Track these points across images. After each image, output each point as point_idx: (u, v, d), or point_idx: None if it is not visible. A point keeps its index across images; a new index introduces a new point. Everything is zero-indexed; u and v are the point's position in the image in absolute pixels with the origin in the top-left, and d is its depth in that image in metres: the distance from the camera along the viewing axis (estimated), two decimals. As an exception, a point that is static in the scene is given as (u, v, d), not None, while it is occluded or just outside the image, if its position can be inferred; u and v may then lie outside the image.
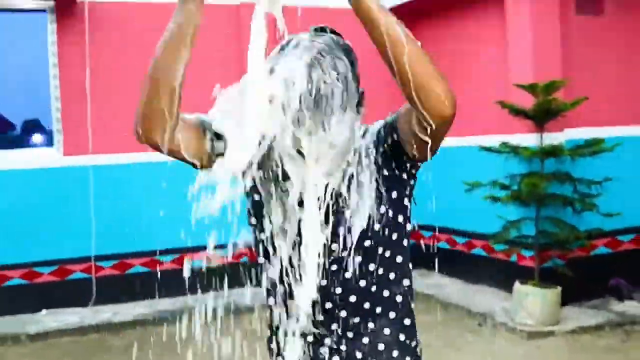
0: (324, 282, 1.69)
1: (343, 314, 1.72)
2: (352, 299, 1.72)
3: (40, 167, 7.62)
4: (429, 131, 1.50)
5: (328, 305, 1.71)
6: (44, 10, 7.61)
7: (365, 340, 1.75)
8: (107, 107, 7.71)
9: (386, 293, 1.76)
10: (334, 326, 1.73)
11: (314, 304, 1.67)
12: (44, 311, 7.49)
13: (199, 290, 2.03)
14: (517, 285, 6.63)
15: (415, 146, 1.59)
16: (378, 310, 1.75)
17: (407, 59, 1.47)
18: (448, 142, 6.68)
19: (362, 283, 1.72)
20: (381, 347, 1.77)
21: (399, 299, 1.78)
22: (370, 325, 1.75)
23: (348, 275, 1.70)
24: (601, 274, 7.37)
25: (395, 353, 1.77)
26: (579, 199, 6.67)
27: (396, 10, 8.80)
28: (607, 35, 7.53)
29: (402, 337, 1.79)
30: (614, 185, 6.83)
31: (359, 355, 1.75)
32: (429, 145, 1.55)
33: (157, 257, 7.97)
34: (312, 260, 1.64)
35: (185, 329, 1.89)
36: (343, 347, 1.75)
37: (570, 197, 6.69)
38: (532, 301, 6.45)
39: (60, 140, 7.62)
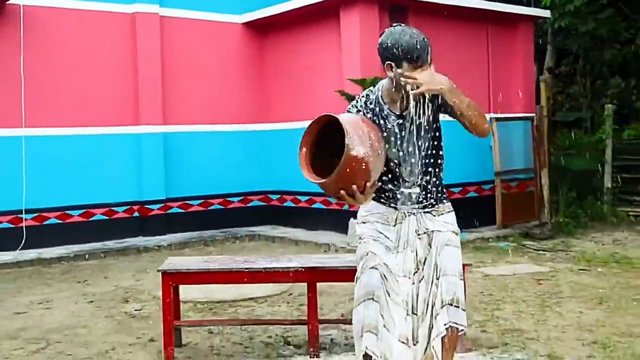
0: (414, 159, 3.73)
1: (418, 172, 3.73)
2: (424, 161, 3.73)
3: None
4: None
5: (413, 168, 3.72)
6: (-25, 11, 9.42)
7: (430, 186, 3.76)
8: (37, 93, 9.67)
9: (437, 161, 3.79)
10: (416, 180, 3.73)
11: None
12: (-24, 254, 9.25)
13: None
14: (352, 220, 9.30)
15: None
16: (436, 169, 3.78)
17: (469, 120, 3.58)
18: (294, 124, 9.86)
19: (429, 156, 3.74)
20: (434, 189, 3.78)
21: (440, 166, 3.82)
22: (432, 179, 3.77)
23: (423, 153, 3.73)
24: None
25: (440, 195, 3.80)
26: (393, 159, 9.48)
27: (256, 23, 11.40)
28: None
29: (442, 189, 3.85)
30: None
31: (423, 193, 3.75)
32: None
33: (68, 212, 9.99)
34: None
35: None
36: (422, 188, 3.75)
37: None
38: (363, 229, 9.17)
39: (-9, 117, 9.50)
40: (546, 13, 12.32)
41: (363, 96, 3.82)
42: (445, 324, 3.64)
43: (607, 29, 12.76)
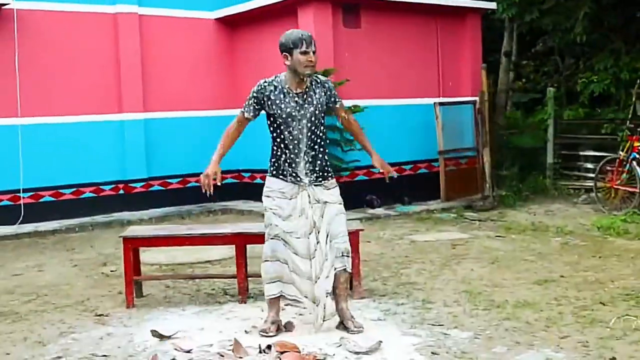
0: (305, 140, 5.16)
1: (310, 151, 5.14)
2: (313, 144, 5.15)
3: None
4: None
5: (307, 149, 5.13)
6: (-25, 14, 10.73)
7: (317, 162, 5.17)
8: (31, 87, 10.99)
9: (322, 143, 5.20)
10: (306, 156, 5.15)
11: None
12: (-20, 228, 10.63)
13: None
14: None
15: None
16: (321, 149, 5.18)
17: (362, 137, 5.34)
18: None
19: (316, 139, 5.17)
20: (319, 166, 5.21)
21: (324, 145, 5.25)
22: (319, 155, 5.17)
23: (313, 137, 5.14)
24: (360, 192, 11.59)
25: (326, 173, 5.25)
26: (344, 141, 10.81)
27: (226, 19, 12.64)
28: (363, 41, 11.77)
29: (327, 162, 5.28)
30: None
31: (312, 166, 5.15)
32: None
33: (60, 191, 11.36)
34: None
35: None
36: (310, 165, 5.14)
37: (339, 140, 10.79)
38: (315, 203, 10.52)
39: (-10, 107, 10.85)
40: (492, 5, 13.55)
41: (260, 85, 5.24)
42: (338, 268, 5.17)
43: (550, 19, 13.99)
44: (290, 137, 5.13)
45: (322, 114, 5.22)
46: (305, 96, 5.15)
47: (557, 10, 13.83)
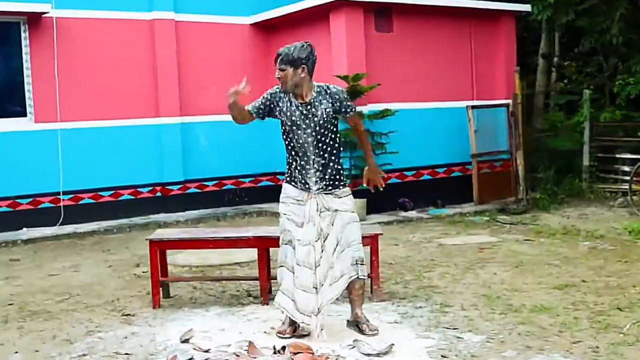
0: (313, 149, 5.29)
1: (319, 159, 5.29)
2: (322, 152, 5.30)
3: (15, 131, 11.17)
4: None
5: (315, 158, 5.29)
6: (18, 22, 11.08)
7: (328, 170, 5.32)
8: (70, 92, 11.34)
9: (333, 151, 5.34)
10: (316, 164, 5.30)
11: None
12: (24, 229, 10.96)
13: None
14: (337, 198, 10.79)
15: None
16: (332, 157, 5.32)
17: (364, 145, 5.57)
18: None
19: (325, 147, 5.32)
20: (330, 174, 5.36)
21: (335, 153, 5.38)
22: (330, 164, 5.32)
23: (320, 145, 5.28)
24: (393, 195, 11.68)
25: (339, 182, 5.39)
26: (375, 144, 10.92)
27: (261, 24, 12.83)
28: (395, 45, 11.87)
29: (340, 171, 5.43)
30: (396, 137, 11.16)
31: (322, 174, 5.30)
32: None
33: (99, 193, 11.68)
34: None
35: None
36: (320, 173, 5.29)
37: (370, 143, 10.88)
38: (346, 206, 10.65)
39: (32, 112, 11.19)
40: (526, 7, 13.52)
41: (273, 90, 5.38)
42: (352, 276, 5.29)
43: (586, 20, 13.92)
44: (298, 145, 5.28)
45: (331, 124, 5.30)
46: (309, 106, 5.26)
47: (593, 12, 13.75)
